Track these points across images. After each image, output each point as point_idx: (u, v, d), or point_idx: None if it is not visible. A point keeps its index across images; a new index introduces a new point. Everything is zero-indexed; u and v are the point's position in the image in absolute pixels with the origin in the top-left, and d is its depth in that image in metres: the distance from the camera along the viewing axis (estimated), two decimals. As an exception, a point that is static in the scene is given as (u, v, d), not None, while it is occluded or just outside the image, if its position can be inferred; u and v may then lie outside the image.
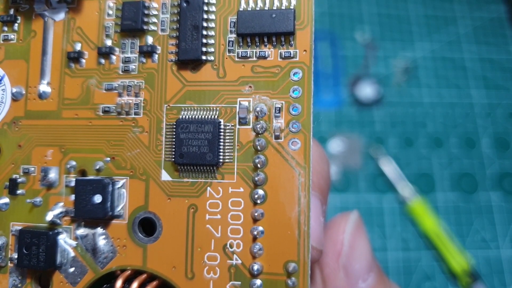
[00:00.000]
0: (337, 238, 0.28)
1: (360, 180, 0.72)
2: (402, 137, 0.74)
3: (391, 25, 0.79)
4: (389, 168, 0.72)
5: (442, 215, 0.70)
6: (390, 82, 0.76)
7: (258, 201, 0.23)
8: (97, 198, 0.25)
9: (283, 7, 0.24)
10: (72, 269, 0.26)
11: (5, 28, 0.28)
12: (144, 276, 0.25)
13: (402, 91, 0.76)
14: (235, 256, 0.24)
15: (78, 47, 0.27)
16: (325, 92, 0.75)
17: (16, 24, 0.28)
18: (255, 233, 0.23)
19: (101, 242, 0.26)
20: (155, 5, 0.26)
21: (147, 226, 0.26)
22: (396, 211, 0.70)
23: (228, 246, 0.24)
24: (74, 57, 0.26)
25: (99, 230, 0.26)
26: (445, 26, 0.80)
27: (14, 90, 0.27)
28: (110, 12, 0.26)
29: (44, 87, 0.27)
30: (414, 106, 0.75)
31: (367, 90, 0.74)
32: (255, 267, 0.23)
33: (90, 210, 0.25)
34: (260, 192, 0.24)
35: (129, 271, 0.25)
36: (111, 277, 0.26)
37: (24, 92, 0.27)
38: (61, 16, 0.27)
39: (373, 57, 0.76)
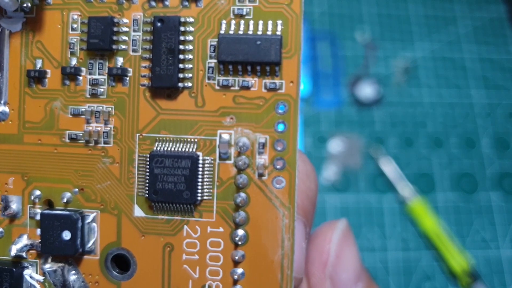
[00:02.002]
0: (323, 247, 0.30)
1: (360, 180, 0.77)
2: (402, 137, 0.79)
3: (391, 25, 0.84)
4: (389, 168, 0.76)
5: (442, 215, 0.75)
6: (390, 82, 0.81)
7: (239, 243, 0.25)
8: (66, 235, 0.26)
9: (269, 32, 0.24)
10: (40, 305, 0.27)
11: (-46, 38, 0.27)
12: (117, 314, 0.26)
13: (402, 91, 0.80)
14: (214, 297, 0.25)
15: (39, 64, 0.27)
16: (325, 92, 0.79)
17: (-34, 34, 0.27)
18: (235, 276, 0.25)
19: (72, 277, 0.27)
20: (125, 21, 0.26)
21: (121, 260, 0.27)
22: (396, 211, 0.75)
23: (206, 287, 0.25)
24: (35, 76, 0.26)
25: (69, 265, 0.27)
26: (445, 26, 0.84)
27: (-32, 110, 0.27)
28: (75, 25, 0.26)
29: (1, 108, 0.27)
30: (414, 106, 0.80)
31: (367, 90, 0.78)
32: (235, 310, 0.25)
33: (59, 247, 0.26)
34: (241, 233, 0.25)
35: (102, 309, 0.27)
36: (83, 313, 0.27)
37: (-21, 112, 0.27)
38: (18, 27, 0.27)
39: (373, 57, 0.80)
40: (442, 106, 0.80)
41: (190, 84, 0.25)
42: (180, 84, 0.25)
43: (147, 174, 0.25)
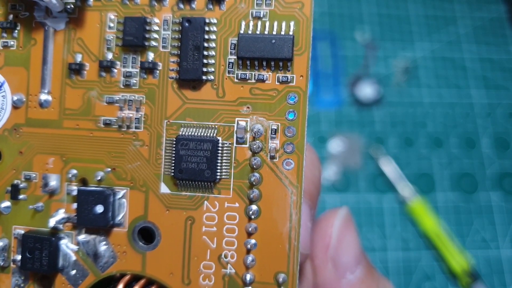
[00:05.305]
0: (326, 231, 0.33)
1: (360, 180, 0.77)
2: (402, 137, 0.79)
3: (391, 25, 0.84)
4: (389, 168, 0.77)
5: (442, 215, 0.75)
6: (390, 82, 0.82)
7: (252, 216, 0.28)
8: (99, 208, 0.29)
9: (283, 32, 0.28)
10: (73, 272, 0.31)
11: (4, 34, 0.31)
12: (143, 280, 0.30)
13: (402, 91, 0.81)
14: (229, 265, 0.28)
15: (79, 58, 0.30)
16: (325, 92, 0.80)
17: (16, 31, 0.31)
18: (249, 246, 0.28)
19: (102, 247, 0.30)
20: (156, 20, 0.29)
21: (146, 233, 0.30)
22: (396, 211, 0.76)
23: (223, 256, 0.29)
24: (75, 69, 0.30)
25: (100, 236, 0.30)
26: (445, 26, 0.85)
27: (15, 97, 0.31)
28: (111, 24, 0.30)
29: (45, 96, 0.31)
30: (414, 106, 0.81)
31: (367, 90, 0.79)
32: (248, 276, 0.28)
33: (92, 219, 0.29)
34: (254, 208, 0.28)
35: (129, 276, 0.30)
36: (111, 279, 0.31)
37: (24, 99, 0.31)
38: (61, 25, 0.30)
39: (373, 57, 0.81)
40: (442, 106, 0.81)
41: (212, 77, 0.29)
42: (204, 77, 0.29)
43: (173, 155, 0.29)
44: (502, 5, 0.88)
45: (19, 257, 0.30)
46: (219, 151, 0.28)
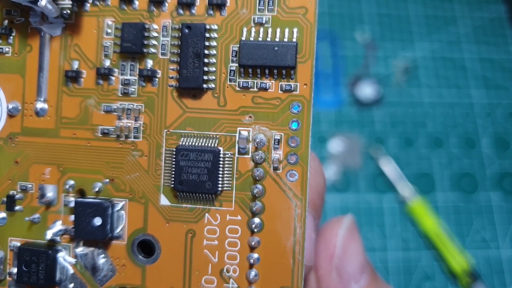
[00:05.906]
0: (330, 241, 0.31)
1: (360, 180, 0.76)
2: (402, 137, 0.78)
3: (391, 25, 0.83)
4: (389, 168, 0.76)
5: (442, 215, 0.74)
6: (390, 82, 0.81)
7: (255, 230, 0.27)
8: (97, 221, 0.28)
9: (286, 39, 0.26)
10: (71, 285, 0.29)
11: (-1, 41, 0.30)
12: (142, 294, 0.29)
13: (402, 91, 0.80)
14: (231, 280, 0.27)
15: (75, 65, 0.29)
16: (325, 92, 0.79)
17: (11, 37, 0.30)
18: (251, 260, 0.27)
19: (101, 261, 0.29)
20: (155, 27, 0.28)
21: (146, 246, 0.29)
22: (396, 211, 0.75)
23: (225, 271, 0.27)
24: (72, 76, 0.29)
25: (99, 249, 0.29)
26: (445, 26, 0.84)
27: (11, 106, 0.30)
28: (109, 30, 0.29)
29: (41, 104, 0.29)
30: (414, 106, 0.80)
31: (367, 90, 0.78)
32: (251, 291, 0.27)
33: (90, 231, 0.28)
34: (257, 221, 0.27)
35: (128, 289, 0.29)
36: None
37: (20, 108, 0.30)
38: (57, 31, 0.29)
39: (373, 57, 0.79)
40: (442, 106, 0.80)
41: (213, 86, 0.27)
42: (204, 85, 0.27)
43: (173, 166, 0.27)
44: (502, 5, 0.87)
45: (15, 270, 0.29)
46: (221, 162, 0.27)
